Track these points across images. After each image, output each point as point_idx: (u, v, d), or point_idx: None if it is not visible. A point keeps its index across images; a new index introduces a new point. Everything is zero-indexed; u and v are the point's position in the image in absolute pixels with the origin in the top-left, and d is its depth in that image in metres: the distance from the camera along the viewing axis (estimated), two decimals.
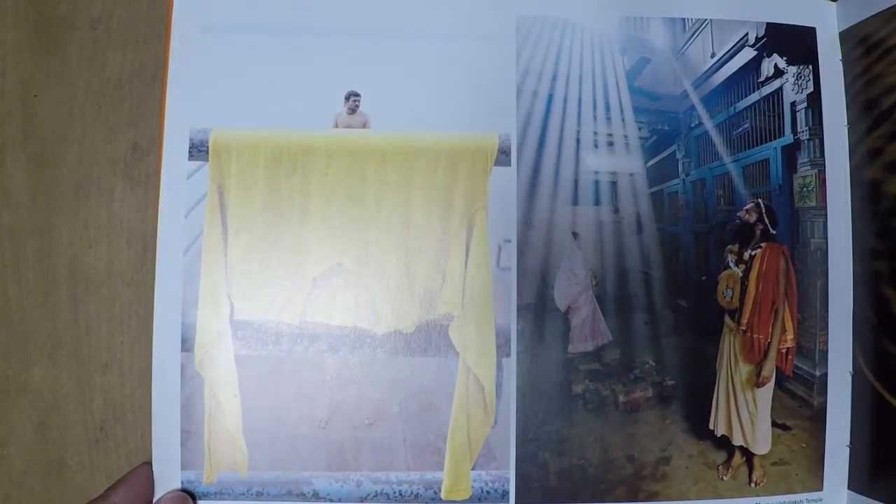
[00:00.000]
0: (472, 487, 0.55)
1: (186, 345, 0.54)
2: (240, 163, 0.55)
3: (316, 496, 0.55)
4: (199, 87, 0.56)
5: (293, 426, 0.55)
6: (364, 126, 0.56)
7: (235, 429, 0.54)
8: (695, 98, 0.59)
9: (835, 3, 0.58)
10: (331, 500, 0.55)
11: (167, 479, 0.54)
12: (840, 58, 0.58)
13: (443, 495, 0.55)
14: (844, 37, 0.57)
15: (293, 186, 0.55)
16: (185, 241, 0.55)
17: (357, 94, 0.56)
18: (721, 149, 0.58)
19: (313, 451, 0.55)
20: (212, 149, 0.55)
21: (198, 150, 0.55)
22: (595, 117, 0.57)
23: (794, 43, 0.58)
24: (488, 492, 0.55)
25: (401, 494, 0.55)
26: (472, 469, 0.55)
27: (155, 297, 0.54)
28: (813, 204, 0.57)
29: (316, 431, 0.55)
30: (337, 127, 0.56)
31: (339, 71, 0.56)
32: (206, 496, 0.54)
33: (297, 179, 0.55)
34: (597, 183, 0.57)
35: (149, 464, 0.53)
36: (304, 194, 0.55)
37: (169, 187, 0.55)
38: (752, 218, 0.58)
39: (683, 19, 0.58)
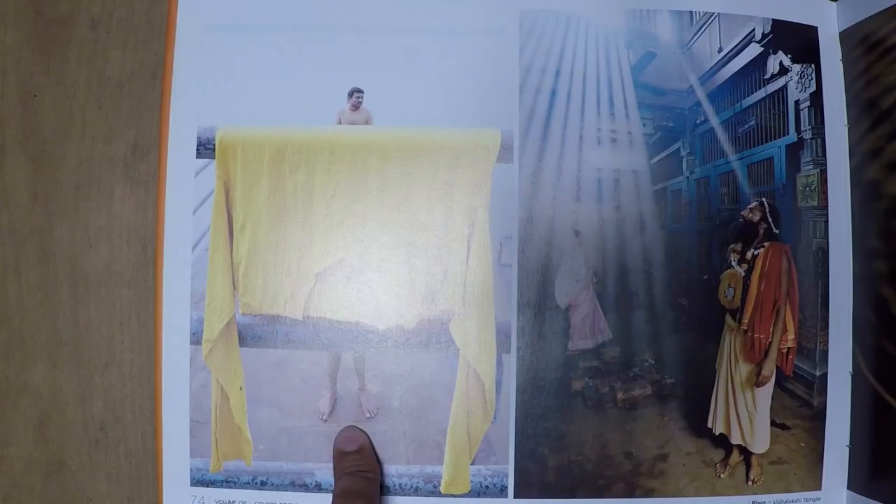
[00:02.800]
0: (472, 482, 0.58)
1: (195, 338, 0.58)
2: (245, 160, 0.58)
3: (318, 487, 0.58)
4: (205, 85, 0.59)
5: (296, 419, 0.58)
6: (367, 122, 0.59)
7: (241, 420, 0.58)
8: (701, 94, 0.61)
9: (835, 3, 0.61)
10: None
11: (176, 465, 0.58)
12: (840, 57, 0.61)
13: (442, 489, 0.58)
14: (844, 36, 0.60)
15: (297, 182, 0.58)
16: (193, 238, 0.58)
17: (360, 91, 0.59)
18: (726, 146, 0.61)
19: (315, 444, 0.58)
20: (218, 146, 0.58)
21: (205, 147, 0.58)
22: (599, 113, 0.60)
23: (798, 41, 0.61)
24: (487, 486, 0.58)
25: (401, 487, 0.58)
26: (472, 464, 0.58)
27: (163, 292, 0.57)
28: (815, 203, 0.60)
29: (318, 424, 0.59)
30: (340, 123, 0.59)
31: (343, 67, 0.59)
32: (213, 484, 0.58)
33: (301, 175, 0.58)
34: (599, 180, 0.59)
35: None
36: (308, 190, 0.58)
37: (176, 185, 0.58)
38: (756, 217, 0.60)
39: (691, 12, 0.60)
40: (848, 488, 0.60)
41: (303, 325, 0.59)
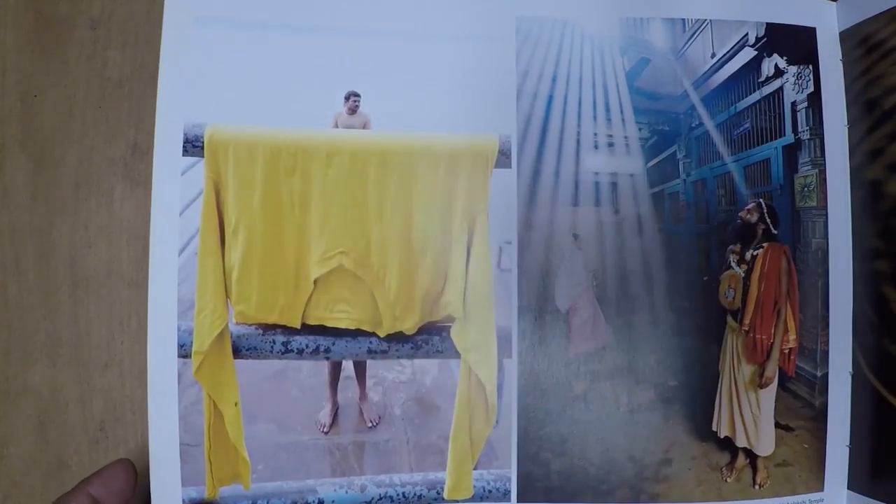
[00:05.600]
0: (475, 487, 0.55)
1: (183, 350, 0.52)
2: (237, 160, 0.54)
3: None
4: (193, 80, 0.54)
5: (296, 433, 0.55)
6: (364, 127, 0.55)
7: (237, 439, 0.53)
8: (695, 98, 0.58)
9: (835, 3, 0.58)
10: None
11: (167, 497, 0.52)
12: (840, 58, 0.57)
13: (445, 495, 0.55)
14: (845, 37, 0.57)
15: (293, 186, 0.54)
16: (181, 241, 0.53)
17: (357, 95, 0.55)
18: (722, 149, 0.58)
19: (317, 458, 0.55)
20: (207, 144, 0.54)
21: (192, 145, 0.54)
22: (595, 118, 0.57)
23: (794, 43, 0.58)
24: (490, 491, 0.54)
25: (404, 496, 0.55)
26: (474, 469, 0.55)
27: (148, 300, 0.53)
28: (814, 204, 0.57)
29: (319, 438, 0.55)
30: (337, 127, 0.55)
31: (339, 70, 0.55)
32: None
33: (297, 179, 0.54)
34: (597, 184, 0.57)
35: (128, 460, 0.50)
36: (304, 195, 0.54)
37: (162, 184, 0.53)
38: (754, 218, 0.57)
39: (683, 20, 0.58)
40: (848, 488, 0.57)
41: (301, 334, 0.55)
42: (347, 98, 0.55)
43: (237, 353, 0.54)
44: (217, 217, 0.54)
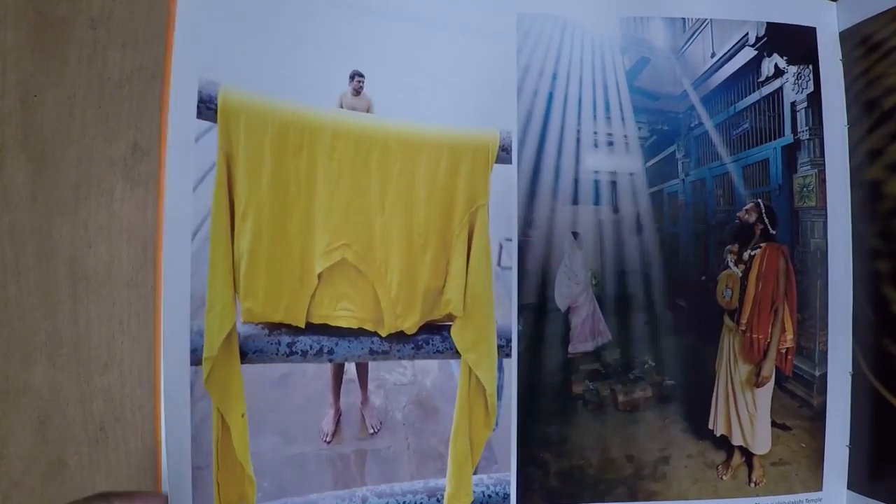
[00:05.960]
0: (474, 492, 0.54)
1: (196, 357, 0.51)
2: (248, 131, 0.52)
3: None
4: (207, 36, 0.52)
5: (300, 444, 0.54)
6: (368, 110, 0.55)
7: (243, 455, 0.52)
8: (695, 98, 0.58)
9: (835, 3, 0.58)
10: None
11: None
12: (840, 58, 0.57)
13: (445, 502, 0.54)
14: (845, 37, 0.57)
15: (300, 165, 0.53)
16: (194, 223, 0.52)
17: (361, 75, 0.55)
18: (721, 149, 0.58)
19: (320, 470, 0.54)
20: (221, 108, 0.52)
21: (206, 106, 0.52)
22: (595, 117, 0.57)
23: (794, 43, 0.58)
24: (490, 496, 0.54)
25: None
26: (474, 473, 0.54)
27: (161, 296, 0.52)
28: (813, 204, 0.57)
29: (322, 448, 0.55)
30: (342, 107, 0.54)
31: (345, 46, 0.54)
32: None
33: (304, 159, 0.53)
34: (597, 182, 0.57)
35: (164, 497, 0.50)
36: (310, 178, 0.53)
37: (176, 152, 0.52)
38: (752, 218, 0.57)
39: (684, 19, 0.58)
40: (848, 488, 0.57)
41: (305, 334, 0.54)
42: (352, 78, 0.55)
43: (244, 356, 0.53)
44: (228, 195, 0.52)
